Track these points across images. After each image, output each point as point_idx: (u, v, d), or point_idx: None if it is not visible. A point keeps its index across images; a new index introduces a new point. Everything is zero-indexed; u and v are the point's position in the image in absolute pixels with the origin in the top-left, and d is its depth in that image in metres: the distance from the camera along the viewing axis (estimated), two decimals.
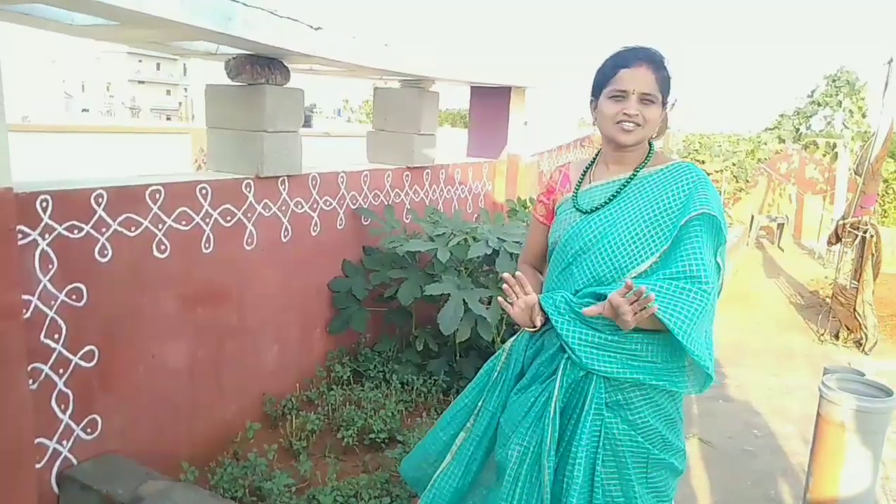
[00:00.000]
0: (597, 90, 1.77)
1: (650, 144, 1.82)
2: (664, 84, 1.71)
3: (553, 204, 1.94)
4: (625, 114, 1.69)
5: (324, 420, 3.40)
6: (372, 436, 3.22)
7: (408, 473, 2.16)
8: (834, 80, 10.98)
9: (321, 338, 3.93)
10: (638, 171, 1.77)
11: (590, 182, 1.85)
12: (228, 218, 3.17)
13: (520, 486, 1.75)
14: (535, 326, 1.78)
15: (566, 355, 1.72)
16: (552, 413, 1.71)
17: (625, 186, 1.77)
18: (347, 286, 3.96)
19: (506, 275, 1.75)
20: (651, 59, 1.70)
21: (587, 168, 1.90)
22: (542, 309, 1.76)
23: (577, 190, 1.86)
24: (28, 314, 2.34)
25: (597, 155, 1.91)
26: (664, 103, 1.74)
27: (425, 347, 3.99)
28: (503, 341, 3.88)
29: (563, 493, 1.71)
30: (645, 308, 1.48)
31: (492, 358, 1.98)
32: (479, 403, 1.93)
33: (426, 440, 2.08)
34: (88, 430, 2.62)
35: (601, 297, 1.66)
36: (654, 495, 1.77)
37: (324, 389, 3.67)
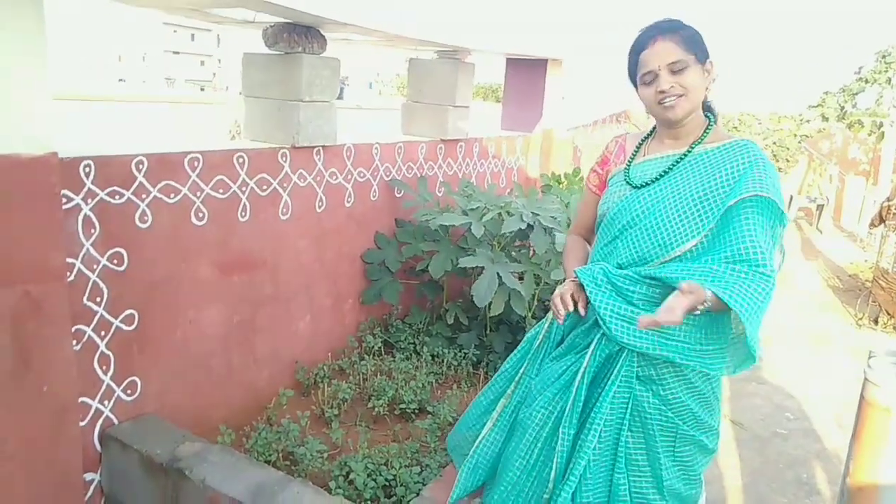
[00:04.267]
0: (633, 80, 1.75)
1: (709, 118, 1.77)
2: (690, 43, 1.65)
3: (606, 175, 1.92)
4: (660, 92, 1.65)
5: (355, 389, 3.44)
6: (402, 406, 3.26)
7: (451, 444, 2.23)
8: (884, 56, 10.57)
9: (353, 308, 3.96)
10: (693, 148, 1.73)
11: (644, 156, 1.82)
12: (264, 187, 3.19)
13: (538, 449, 1.79)
14: (583, 311, 1.76)
15: (602, 330, 1.71)
16: (577, 383, 1.72)
17: (678, 162, 1.73)
18: (380, 258, 3.97)
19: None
20: (664, 30, 1.66)
21: (643, 141, 1.86)
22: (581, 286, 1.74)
23: (631, 163, 1.83)
24: (72, 277, 2.40)
25: (654, 128, 1.87)
26: (701, 60, 1.67)
27: (455, 321, 4.00)
28: (534, 317, 3.88)
29: (574, 454, 1.72)
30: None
31: (535, 326, 1.99)
32: (521, 371, 1.95)
33: (469, 409, 2.13)
34: (128, 391, 2.69)
35: (647, 278, 1.64)
36: (681, 469, 1.78)
37: (355, 359, 3.71)
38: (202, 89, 40.06)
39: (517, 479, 1.82)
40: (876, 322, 5.94)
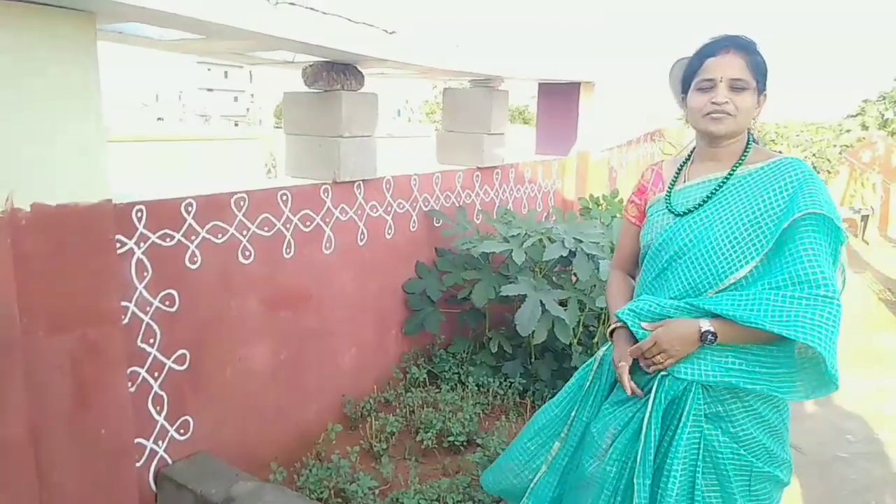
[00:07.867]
0: (686, 85, 1.69)
1: (749, 137, 1.72)
2: (757, 69, 1.61)
3: (644, 204, 1.86)
4: (713, 103, 1.60)
5: (402, 422, 3.42)
6: (451, 438, 3.22)
7: (491, 486, 2.13)
8: None
9: (396, 339, 3.96)
10: (736, 169, 1.67)
11: (684, 181, 1.76)
12: (308, 223, 3.23)
13: (618, 502, 1.70)
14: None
15: (662, 372, 1.66)
16: (644, 430, 1.65)
17: (722, 185, 1.67)
18: (421, 288, 3.97)
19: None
20: (739, 44, 1.61)
21: (681, 166, 1.81)
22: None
23: (671, 189, 1.78)
24: (126, 320, 2.44)
25: (691, 152, 1.82)
26: (760, 90, 1.63)
27: (499, 349, 3.96)
28: (580, 343, 3.82)
29: None
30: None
31: (583, 367, 1.94)
32: (573, 413, 1.89)
33: (511, 450, 2.05)
34: (181, 430, 2.72)
35: (700, 310, 1.60)
36: None
37: (401, 391, 3.69)
38: (236, 124, 40.98)
39: None
40: None
